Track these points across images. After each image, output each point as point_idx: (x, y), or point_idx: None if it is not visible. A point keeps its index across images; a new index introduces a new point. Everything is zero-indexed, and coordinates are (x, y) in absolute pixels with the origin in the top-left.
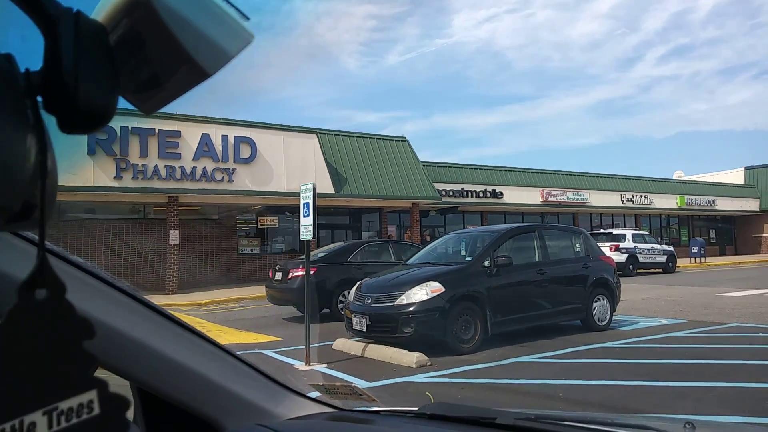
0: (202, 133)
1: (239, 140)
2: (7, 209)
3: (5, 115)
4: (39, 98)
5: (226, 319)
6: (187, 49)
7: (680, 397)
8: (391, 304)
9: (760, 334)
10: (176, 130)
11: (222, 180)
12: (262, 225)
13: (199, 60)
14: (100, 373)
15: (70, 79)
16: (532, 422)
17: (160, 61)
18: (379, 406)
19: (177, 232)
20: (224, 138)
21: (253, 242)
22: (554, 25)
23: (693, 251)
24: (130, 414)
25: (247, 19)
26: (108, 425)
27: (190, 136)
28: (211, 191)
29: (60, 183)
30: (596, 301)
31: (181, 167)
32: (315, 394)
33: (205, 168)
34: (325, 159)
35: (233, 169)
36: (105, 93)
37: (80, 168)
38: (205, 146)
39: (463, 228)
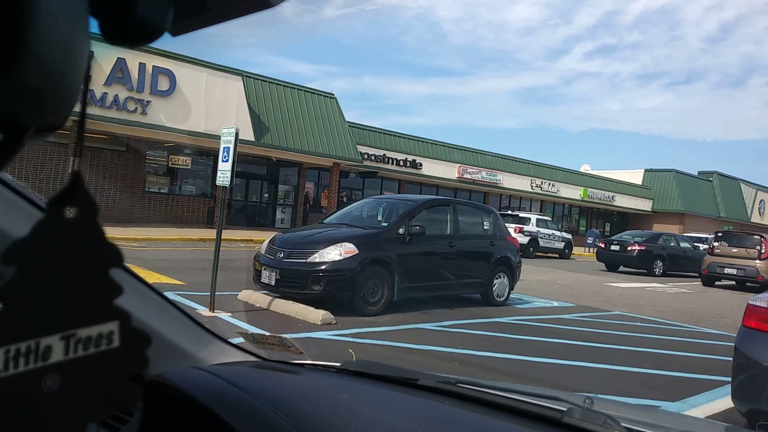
0: (118, 57)
1: (158, 71)
2: (57, 122)
3: (69, 19)
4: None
5: (126, 257)
6: None
7: (562, 374)
8: (304, 261)
9: (638, 324)
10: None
11: (135, 111)
12: (173, 164)
13: None
14: None
15: None
16: (453, 386)
17: None
18: (305, 359)
19: (78, 159)
20: (142, 66)
21: (162, 181)
22: (494, 5)
23: (588, 241)
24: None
25: None
26: (126, 359)
27: (103, 58)
28: (122, 121)
29: None
30: (497, 278)
31: (90, 91)
32: (240, 341)
33: (117, 96)
34: (249, 104)
35: (148, 101)
36: (162, 5)
37: None
38: (119, 72)
39: (381, 194)
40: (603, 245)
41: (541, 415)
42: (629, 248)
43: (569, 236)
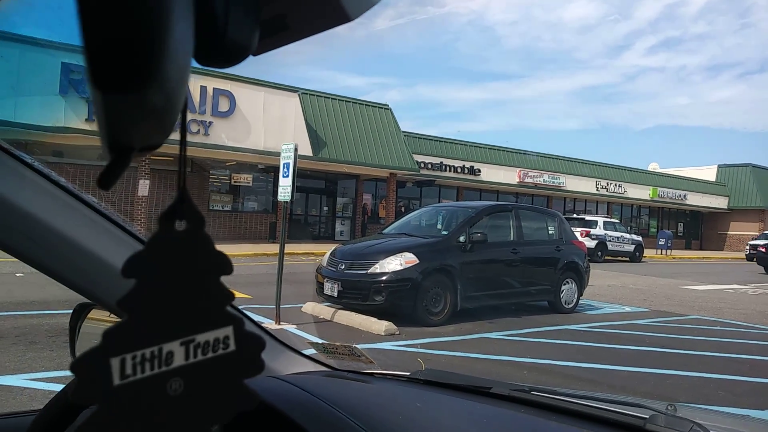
0: None
1: (218, 93)
2: (159, 141)
3: (185, 41)
4: None
5: None
6: None
7: (639, 382)
8: (365, 272)
9: (718, 328)
10: None
11: (197, 132)
12: (235, 182)
13: (344, 1)
14: None
15: (220, 8)
16: (527, 394)
17: None
18: (375, 369)
19: (147, 182)
20: (203, 89)
21: (225, 198)
22: (548, 4)
23: (660, 243)
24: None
25: None
26: (243, 363)
27: None
28: (186, 143)
29: (29, 122)
30: (565, 284)
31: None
32: (310, 351)
33: None
34: (306, 120)
35: (210, 122)
36: (250, 25)
37: (51, 107)
38: None
39: (439, 202)
40: (765, 250)
41: (622, 423)
42: None
43: (639, 238)
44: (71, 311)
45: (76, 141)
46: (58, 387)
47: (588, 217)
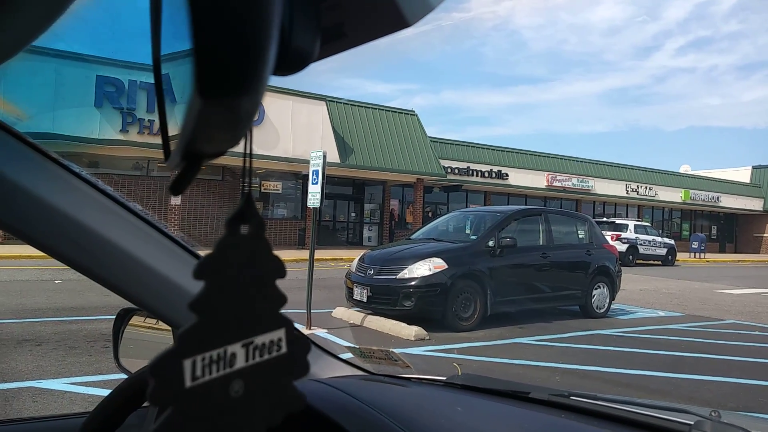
0: None
1: None
2: (226, 148)
3: (274, 52)
4: None
5: None
6: None
7: (675, 388)
8: (394, 277)
9: (756, 333)
10: None
11: None
12: (265, 189)
13: (402, 6)
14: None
15: (285, 17)
16: (566, 399)
17: (357, 3)
18: (411, 374)
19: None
20: None
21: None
22: (574, 7)
23: (693, 246)
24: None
25: None
26: (293, 364)
27: None
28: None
29: (67, 133)
30: (596, 289)
31: None
32: (347, 356)
33: None
34: (333, 127)
35: None
36: (312, 33)
37: (87, 119)
38: None
39: (466, 207)
40: None
41: (666, 428)
42: None
43: (672, 242)
44: (109, 317)
45: (110, 151)
46: (97, 390)
47: (618, 221)
